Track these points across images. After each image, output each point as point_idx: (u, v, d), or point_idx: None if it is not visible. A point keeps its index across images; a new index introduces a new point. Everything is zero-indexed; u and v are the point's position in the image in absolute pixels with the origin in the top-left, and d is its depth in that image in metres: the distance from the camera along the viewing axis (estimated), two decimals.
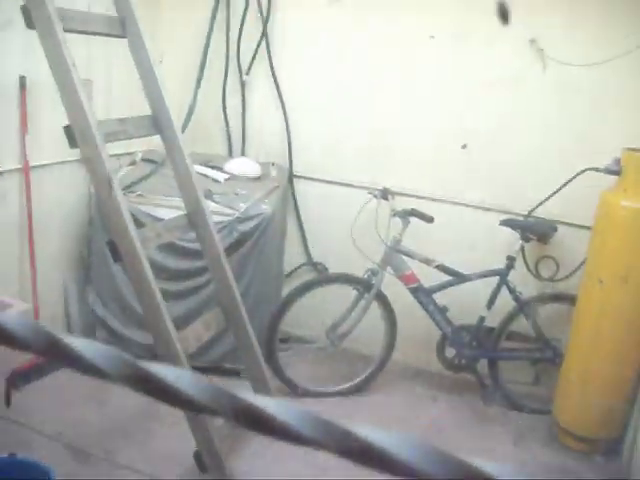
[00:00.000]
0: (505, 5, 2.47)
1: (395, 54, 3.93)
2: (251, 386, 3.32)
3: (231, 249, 3.54)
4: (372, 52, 3.98)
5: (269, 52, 4.11)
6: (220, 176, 3.90)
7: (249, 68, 4.17)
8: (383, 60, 3.97)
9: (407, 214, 3.68)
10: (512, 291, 3.75)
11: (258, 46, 4.11)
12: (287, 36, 4.10)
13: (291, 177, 4.22)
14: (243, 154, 4.28)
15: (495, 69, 3.78)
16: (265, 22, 4.06)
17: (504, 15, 2.50)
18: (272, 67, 4.12)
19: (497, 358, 3.85)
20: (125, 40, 2.97)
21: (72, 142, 2.67)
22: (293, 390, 3.76)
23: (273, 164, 4.15)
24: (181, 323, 3.18)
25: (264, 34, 4.08)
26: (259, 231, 3.61)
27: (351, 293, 3.79)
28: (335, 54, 4.04)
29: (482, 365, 3.86)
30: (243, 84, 4.19)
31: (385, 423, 3.58)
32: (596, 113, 3.67)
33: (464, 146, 3.91)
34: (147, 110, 3.02)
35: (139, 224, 3.35)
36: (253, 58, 4.14)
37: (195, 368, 3.45)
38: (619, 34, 3.51)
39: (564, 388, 3.58)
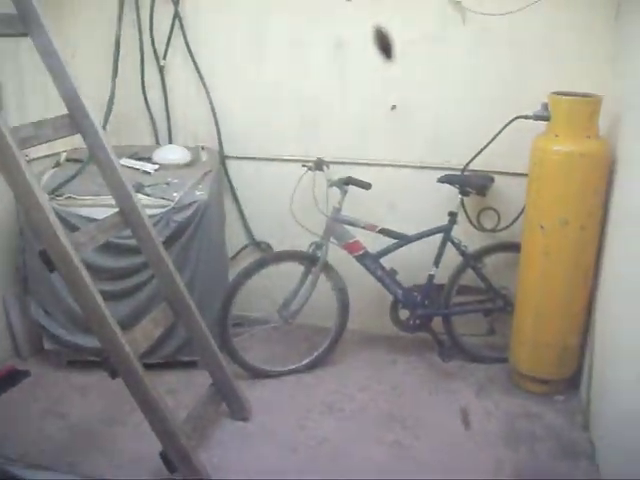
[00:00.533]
0: None
1: (315, 21, 3.84)
2: (210, 375, 3.27)
3: (170, 241, 3.45)
4: (292, 21, 3.87)
5: (184, 33, 3.96)
6: (149, 167, 3.78)
7: (165, 52, 4.02)
8: (304, 29, 3.86)
9: (344, 183, 3.65)
10: (457, 246, 3.77)
11: (172, 28, 3.97)
12: (201, 14, 3.94)
13: (223, 159, 4.12)
14: (170, 141, 4.16)
15: (416, 26, 3.74)
16: (176, 2, 3.91)
17: None
18: (189, 48, 3.98)
19: (450, 314, 3.88)
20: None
21: None
22: (252, 373, 3.73)
23: (203, 148, 4.04)
24: (129, 323, 3.10)
25: (176, 15, 3.93)
26: (197, 219, 3.52)
27: (297, 269, 3.74)
28: (254, 28, 3.91)
29: (437, 322, 3.88)
30: (162, 69, 4.04)
31: (348, 392, 3.59)
32: (520, 61, 3.67)
33: (393, 107, 3.88)
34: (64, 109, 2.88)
35: (72, 227, 3.26)
36: (168, 41, 3.99)
37: (150, 365, 3.40)
38: None
39: (518, 334, 3.64)
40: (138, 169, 3.76)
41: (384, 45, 1.09)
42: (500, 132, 3.55)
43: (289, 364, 3.83)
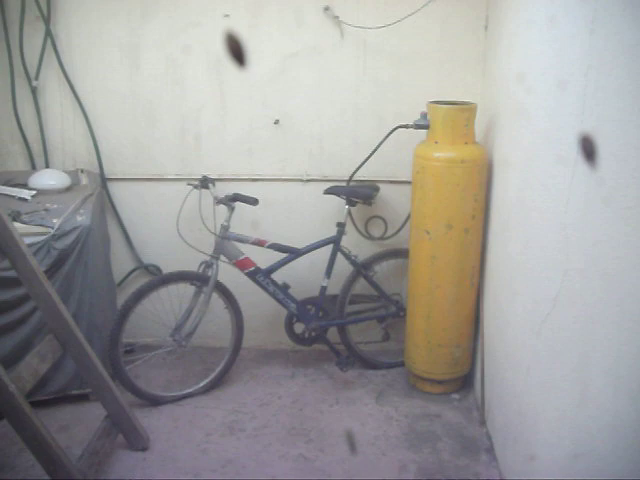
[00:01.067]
0: None
1: (193, 37, 3.78)
2: (104, 407, 3.13)
3: (52, 269, 3.29)
4: (169, 38, 3.79)
5: (57, 52, 3.78)
6: (26, 193, 3.59)
7: (38, 72, 3.82)
8: (181, 45, 3.79)
9: (230, 200, 3.61)
10: (347, 256, 3.82)
11: (44, 47, 3.78)
12: (73, 32, 3.77)
13: (104, 181, 3.97)
14: (47, 165, 3.96)
15: (296, 40, 3.77)
16: (47, 20, 3.73)
17: None
18: (63, 68, 3.79)
19: (345, 324, 3.91)
20: None
21: None
22: (148, 401, 3.60)
23: (82, 171, 3.88)
24: (13, 359, 2.93)
25: (48, 33, 3.76)
26: (79, 245, 3.37)
27: (188, 290, 3.66)
28: (130, 45, 3.80)
29: (333, 333, 3.90)
30: (34, 90, 3.85)
31: (249, 411, 3.54)
32: (399, 72, 3.78)
33: (276, 122, 3.88)
34: None
35: None
36: (40, 61, 3.80)
37: (38, 402, 3.22)
38: None
39: (412, 338, 3.71)
40: (14, 196, 3.56)
41: (236, 51, 1.07)
42: (382, 142, 3.64)
43: (185, 388, 3.73)
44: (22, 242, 2.83)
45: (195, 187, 3.72)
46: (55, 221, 3.34)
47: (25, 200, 3.57)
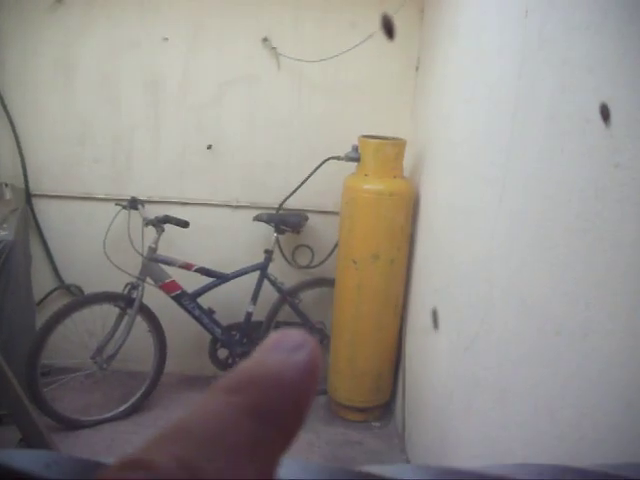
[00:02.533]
0: None
1: (130, 58, 3.77)
2: (19, 430, 3.02)
3: None
4: (105, 57, 3.77)
5: None
6: None
7: None
8: (118, 65, 3.78)
9: (160, 221, 3.59)
10: (273, 283, 3.85)
11: None
12: (7, 46, 3.71)
13: (29, 197, 3.88)
14: None
15: (233, 68, 3.82)
16: None
17: None
18: None
19: None
20: None
21: None
22: (65, 424, 3.50)
23: (6, 185, 3.78)
24: None
25: None
26: (1, 260, 3.27)
27: (111, 312, 3.60)
28: (63, 61, 3.76)
29: None
30: None
31: None
32: (334, 105, 3.88)
33: (209, 147, 3.90)
34: None
35: None
36: None
37: None
38: (343, 30, 3.73)
39: (335, 366, 3.76)
40: None
41: (388, 28, 1.14)
42: (313, 172, 3.72)
43: (105, 412, 3.64)
44: None
45: (124, 207, 3.70)
46: None
47: None
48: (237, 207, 4.00)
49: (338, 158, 3.57)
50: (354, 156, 3.52)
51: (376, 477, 0.35)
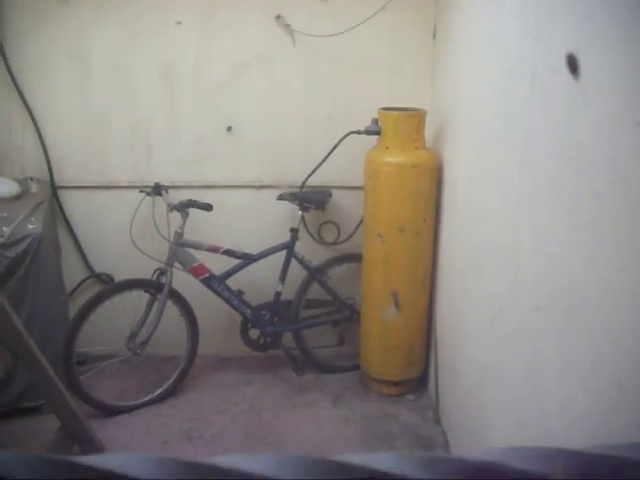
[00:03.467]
0: None
1: (145, 44, 3.75)
2: (58, 418, 3.08)
3: (3, 278, 3.23)
4: (119, 46, 3.76)
5: (5, 58, 3.70)
6: None
7: None
8: (133, 51, 3.77)
9: (184, 206, 3.60)
10: (301, 261, 3.84)
11: None
12: (22, 39, 3.70)
13: (54, 189, 3.91)
14: None
15: (247, 49, 3.79)
16: None
17: None
18: (11, 74, 3.72)
19: (299, 328, 3.93)
20: None
21: None
22: (103, 411, 3.56)
23: (32, 179, 3.82)
24: None
25: None
26: (31, 253, 3.32)
27: (142, 298, 3.63)
28: (79, 52, 3.75)
29: (288, 338, 3.92)
30: None
31: (206, 418, 3.53)
32: (351, 79, 3.83)
33: (229, 128, 3.89)
34: None
35: None
36: None
37: None
38: (357, 3, 3.67)
39: (366, 341, 3.76)
40: None
41: None
42: (334, 148, 3.68)
43: (141, 397, 3.69)
44: None
45: (148, 194, 3.71)
46: (5, 229, 3.28)
47: None
48: (260, 187, 3.99)
49: (359, 132, 3.53)
50: (374, 129, 3.48)
51: (354, 466, 0.33)
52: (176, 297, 3.68)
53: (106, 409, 3.57)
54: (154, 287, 3.60)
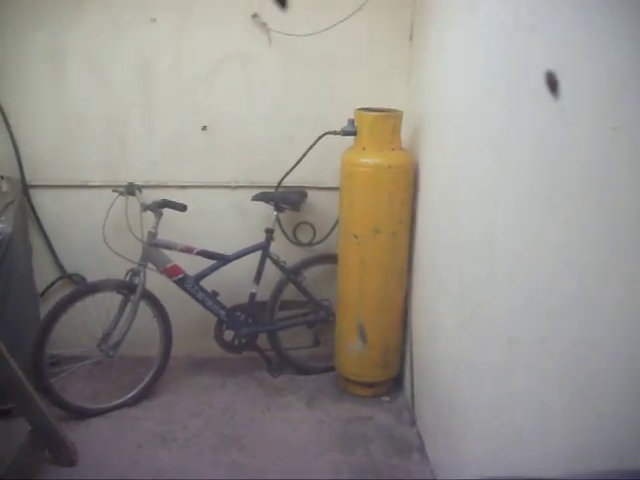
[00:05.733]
0: None
1: (119, 42, 3.70)
2: (28, 422, 3.02)
3: None
4: (94, 42, 3.70)
5: None
6: None
7: None
8: (107, 49, 3.71)
9: (158, 206, 3.56)
10: (276, 262, 3.82)
11: None
12: None
13: (25, 188, 3.84)
14: None
15: (224, 47, 3.75)
16: None
17: None
18: None
19: (275, 330, 3.91)
20: None
21: None
22: (75, 413, 3.50)
23: (2, 177, 3.74)
24: None
25: None
26: (0, 253, 3.26)
27: (115, 299, 3.58)
28: (51, 47, 3.67)
29: (263, 339, 3.90)
30: None
31: (180, 420, 3.49)
32: (328, 79, 3.82)
33: (204, 128, 3.85)
34: None
35: None
36: None
37: None
38: (334, 2, 3.66)
39: (342, 342, 3.75)
40: None
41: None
42: (310, 148, 3.66)
43: (114, 399, 3.64)
44: None
45: (121, 194, 3.66)
46: None
47: None
48: (236, 187, 3.96)
49: (335, 133, 3.52)
50: (351, 130, 3.47)
51: None
52: (149, 298, 3.63)
53: (78, 412, 3.52)
54: (127, 288, 3.55)
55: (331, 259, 3.89)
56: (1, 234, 3.26)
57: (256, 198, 3.77)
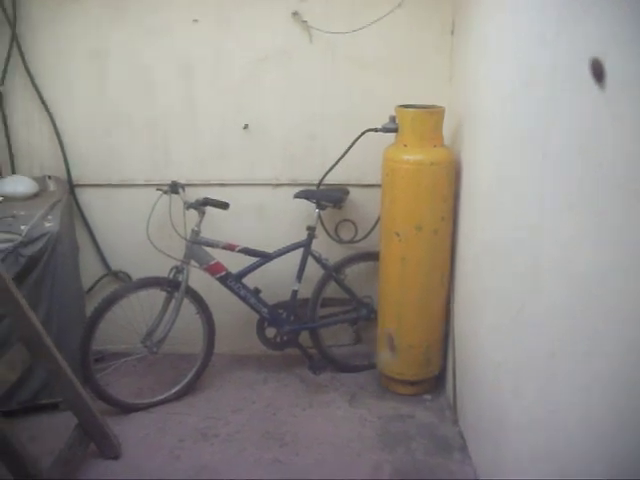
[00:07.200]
0: None
1: (162, 42, 3.76)
2: (74, 415, 3.08)
3: (20, 277, 3.23)
4: (138, 44, 3.77)
5: (22, 56, 3.72)
6: None
7: (3, 77, 3.76)
8: (151, 50, 3.78)
9: (201, 204, 3.59)
10: (318, 259, 3.82)
11: (9, 52, 3.72)
12: (39, 35, 3.71)
13: (72, 187, 3.93)
14: (14, 172, 3.91)
15: (265, 45, 3.77)
16: (13, 24, 3.69)
17: None
18: (29, 72, 3.74)
19: (316, 327, 3.91)
20: None
21: None
22: (119, 408, 3.56)
23: (50, 177, 3.83)
24: None
25: (14, 37, 3.71)
26: (48, 252, 3.32)
27: (159, 296, 3.63)
28: (95, 49, 3.76)
29: (305, 337, 3.91)
30: (0, 96, 3.80)
31: (222, 416, 3.52)
32: (368, 76, 3.80)
33: (246, 126, 3.88)
34: None
35: None
36: (6, 65, 3.74)
37: (6, 413, 3.16)
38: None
39: (383, 339, 3.73)
40: None
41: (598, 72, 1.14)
42: (351, 146, 3.66)
43: (157, 395, 3.69)
44: None
45: (165, 192, 3.71)
46: (23, 228, 3.29)
47: None
48: (277, 185, 3.98)
49: (376, 130, 3.51)
50: (392, 127, 3.45)
51: None
52: (193, 295, 3.68)
53: (122, 406, 3.58)
54: (171, 285, 3.60)
55: (373, 256, 3.87)
56: (48, 233, 3.33)
57: (298, 196, 3.78)
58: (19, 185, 3.68)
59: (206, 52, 3.78)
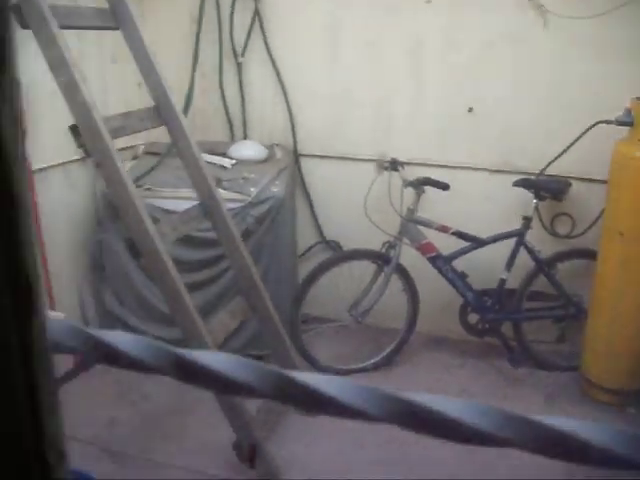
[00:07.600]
0: None
1: (393, 22, 3.83)
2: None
3: (246, 235, 3.49)
4: (370, 22, 3.87)
5: (263, 31, 4.00)
6: (226, 162, 3.83)
7: (244, 50, 4.07)
8: (381, 29, 3.87)
9: (420, 183, 3.63)
10: (531, 251, 3.72)
11: (251, 26, 4.01)
12: (279, 12, 3.98)
13: (297, 157, 4.15)
14: (245, 138, 4.20)
15: (496, 29, 3.70)
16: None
17: None
18: (267, 46, 4.02)
19: (520, 319, 3.83)
20: (115, 33, 2.88)
21: (79, 142, 2.60)
22: (320, 370, 3.74)
23: (277, 145, 4.08)
24: (202, 314, 3.15)
25: (256, 12, 3.97)
26: (272, 214, 3.56)
27: (368, 268, 3.74)
28: (331, 26, 3.93)
29: (506, 327, 3.84)
30: (239, 66, 4.09)
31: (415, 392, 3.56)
32: (602, 65, 3.59)
33: (470, 109, 3.85)
34: (142, 106, 2.96)
35: (152, 219, 3.30)
36: (247, 39, 4.04)
37: None
38: None
39: (591, 343, 3.57)
40: (215, 164, 3.81)
41: None
42: (581, 136, 3.52)
43: (356, 363, 3.83)
44: (224, 206, 3.04)
45: (385, 169, 3.79)
46: (252, 190, 3.54)
47: (225, 168, 3.81)
48: (495, 171, 3.92)
49: (608, 122, 3.31)
50: (627, 120, 3.24)
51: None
52: (402, 272, 3.74)
53: (322, 368, 3.75)
54: (382, 259, 3.69)
55: (589, 254, 3.69)
56: (274, 197, 3.56)
57: (517, 184, 3.69)
58: (250, 150, 3.96)
59: (435, 33, 3.79)
